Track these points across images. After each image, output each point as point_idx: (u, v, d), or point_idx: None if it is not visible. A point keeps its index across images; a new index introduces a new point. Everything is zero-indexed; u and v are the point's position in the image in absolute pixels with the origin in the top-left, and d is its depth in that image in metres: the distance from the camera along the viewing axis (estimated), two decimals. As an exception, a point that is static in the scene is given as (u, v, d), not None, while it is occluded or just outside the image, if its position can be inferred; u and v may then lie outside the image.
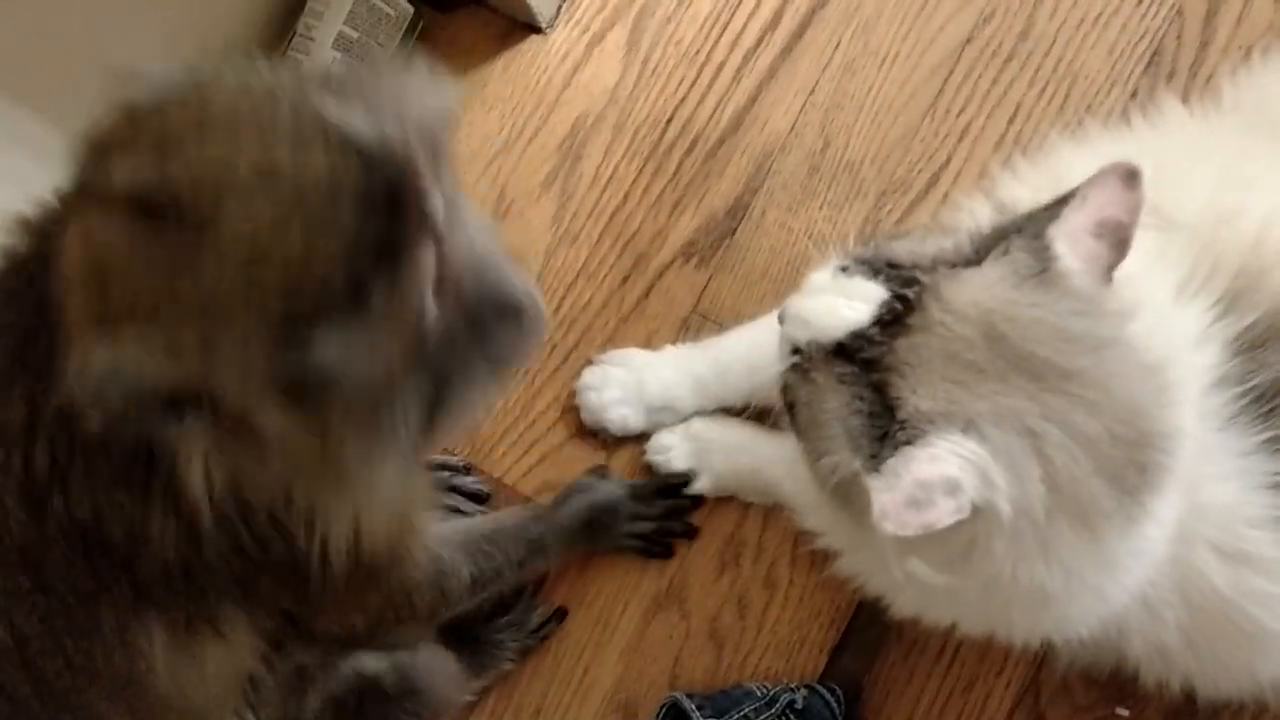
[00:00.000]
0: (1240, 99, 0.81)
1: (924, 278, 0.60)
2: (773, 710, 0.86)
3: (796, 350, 0.64)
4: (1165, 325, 0.63)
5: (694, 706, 0.89)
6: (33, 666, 0.62)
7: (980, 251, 0.61)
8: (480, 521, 0.88)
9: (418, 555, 0.72)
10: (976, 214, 0.79)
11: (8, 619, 0.61)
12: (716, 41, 1.05)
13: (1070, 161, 0.78)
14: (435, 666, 0.85)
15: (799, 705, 0.87)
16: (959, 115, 0.98)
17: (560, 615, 0.98)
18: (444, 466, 1.00)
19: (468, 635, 0.94)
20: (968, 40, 0.99)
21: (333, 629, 0.71)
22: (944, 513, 0.53)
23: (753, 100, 1.03)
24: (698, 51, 1.05)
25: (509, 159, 1.08)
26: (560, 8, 1.08)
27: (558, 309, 1.04)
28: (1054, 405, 0.55)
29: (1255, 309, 0.64)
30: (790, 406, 0.66)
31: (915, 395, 0.56)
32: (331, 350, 0.48)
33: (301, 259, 0.46)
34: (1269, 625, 0.65)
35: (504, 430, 1.02)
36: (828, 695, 0.89)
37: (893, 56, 1.01)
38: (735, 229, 1.02)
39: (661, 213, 1.04)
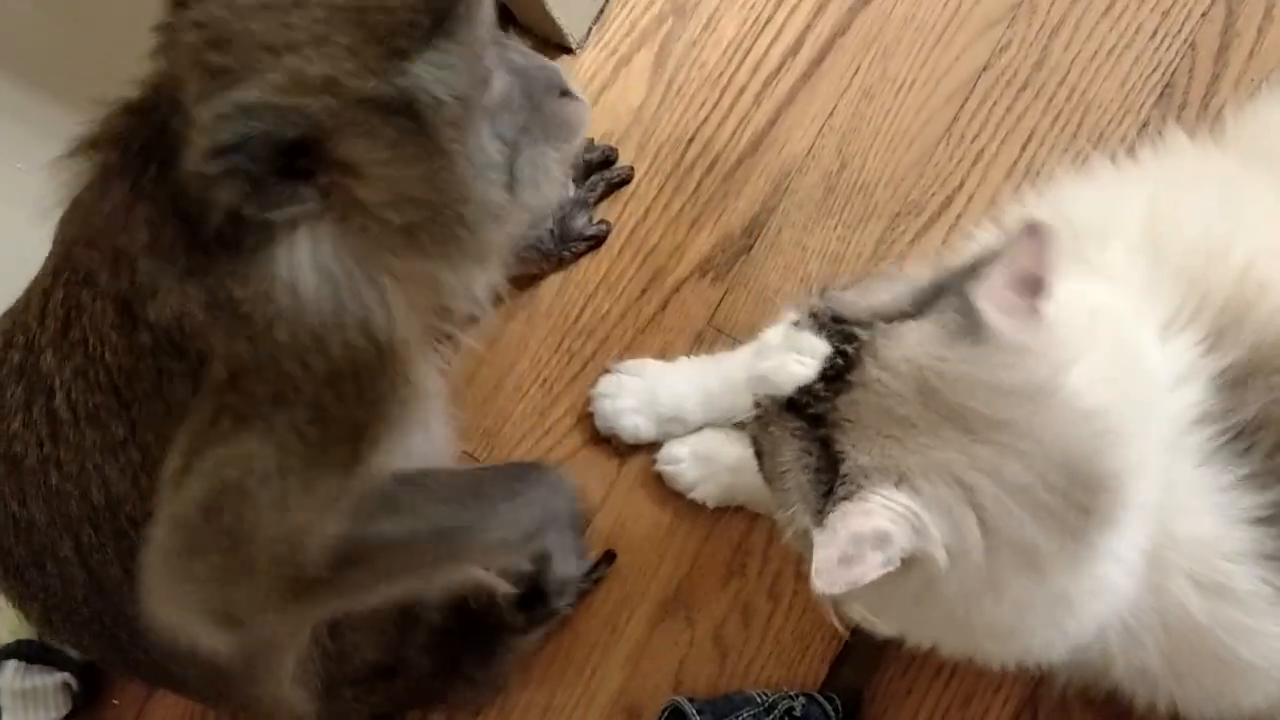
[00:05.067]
0: (1241, 131, 0.82)
1: (862, 333, 0.61)
2: (771, 716, 0.88)
3: (759, 403, 0.66)
4: (1146, 363, 0.64)
5: (694, 710, 0.90)
6: (125, 536, 0.64)
7: (918, 305, 0.62)
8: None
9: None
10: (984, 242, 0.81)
11: (102, 477, 0.63)
12: (739, 66, 1.08)
13: (1074, 193, 0.80)
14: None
15: (797, 713, 0.88)
16: (973, 141, 1.01)
17: (610, 558, 1.01)
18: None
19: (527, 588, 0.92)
20: (984, 68, 1.02)
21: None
22: (870, 567, 0.55)
23: (772, 123, 1.06)
24: (721, 74, 1.08)
25: (536, 174, 1.11)
26: (590, 29, 1.12)
27: (578, 319, 1.07)
28: (984, 456, 0.57)
29: (1238, 346, 0.64)
30: (759, 455, 0.68)
31: (855, 450, 0.58)
32: (426, 72, 0.55)
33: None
34: (1246, 657, 0.65)
35: (521, 435, 1.05)
36: (826, 705, 0.90)
37: (910, 83, 1.03)
38: (751, 246, 1.04)
39: (680, 229, 1.06)
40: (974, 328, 0.59)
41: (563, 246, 1.06)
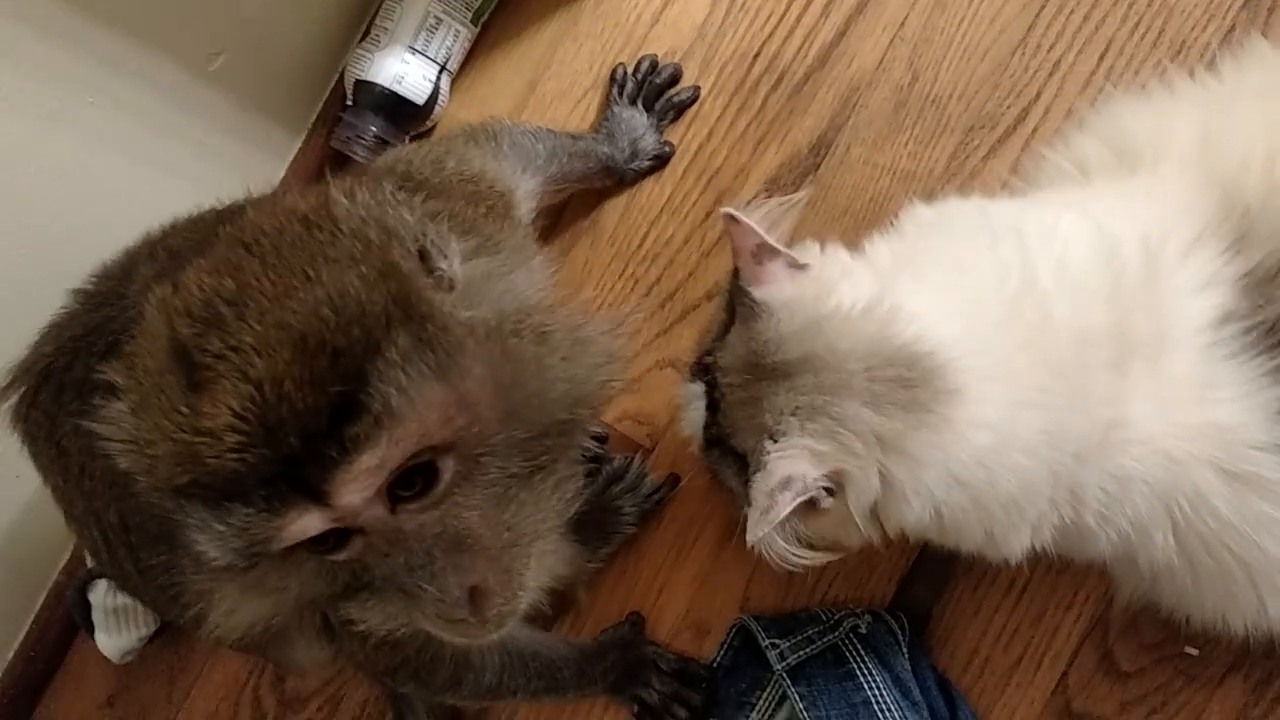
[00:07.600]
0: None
1: (708, 359, 0.75)
2: (836, 634, 0.88)
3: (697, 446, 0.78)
4: (1168, 277, 0.66)
5: (761, 629, 0.92)
6: (132, 550, 0.71)
7: (729, 311, 0.75)
8: (526, 636, 0.89)
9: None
10: (1059, 165, 0.80)
11: (108, 511, 0.70)
12: (806, -24, 1.05)
13: (1127, 114, 0.80)
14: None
15: (863, 630, 0.88)
16: (1049, 50, 0.97)
17: (674, 481, 1.02)
18: None
19: (588, 508, 0.94)
20: (1062, -26, 0.97)
21: (357, 655, 0.76)
22: (783, 503, 0.65)
23: (840, 35, 1.03)
24: (786, -14, 1.05)
25: (597, 96, 1.10)
26: (651, -56, 1.10)
27: (641, 244, 1.07)
28: (802, 385, 0.67)
29: (1265, 243, 0.65)
30: (718, 481, 0.79)
31: (744, 441, 0.70)
32: (201, 536, 0.52)
33: (216, 469, 0.49)
34: (1271, 551, 0.65)
35: (587, 360, 1.06)
36: (893, 623, 0.90)
37: (984, -10, 1.00)
38: (819, 165, 1.03)
39: (745, 149, 1.05)
40: (752, 306, 0.71)
41: (629, 162, 1.05)
